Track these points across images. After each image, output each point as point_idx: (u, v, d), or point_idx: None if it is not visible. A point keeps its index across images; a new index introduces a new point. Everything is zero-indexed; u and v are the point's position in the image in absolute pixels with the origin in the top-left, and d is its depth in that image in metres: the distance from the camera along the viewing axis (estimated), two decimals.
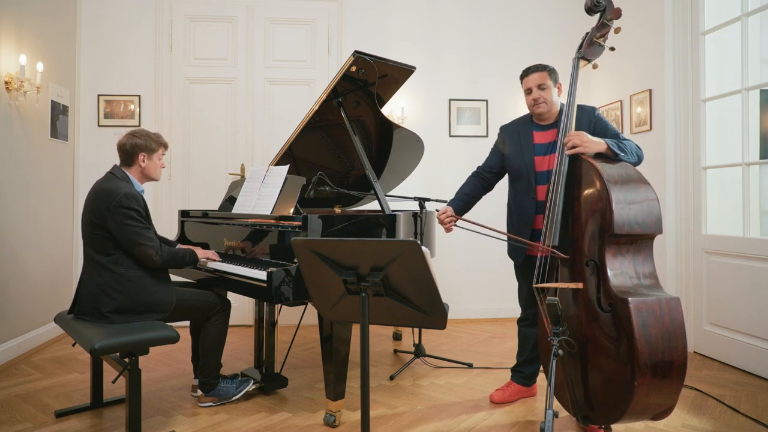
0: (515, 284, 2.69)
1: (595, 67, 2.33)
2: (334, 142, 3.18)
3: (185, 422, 2.43)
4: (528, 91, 2.46)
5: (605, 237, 1.93)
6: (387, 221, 2.64)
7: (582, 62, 2.30)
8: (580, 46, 2.31)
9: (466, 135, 4.55)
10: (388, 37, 4.48)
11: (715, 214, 3.44)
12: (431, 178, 4.46)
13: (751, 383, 2.90)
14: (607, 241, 1.93)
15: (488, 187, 2.69)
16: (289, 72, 4.37)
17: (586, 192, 2.03)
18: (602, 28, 2.24)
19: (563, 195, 2.10)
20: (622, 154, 2.13)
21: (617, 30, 2.25)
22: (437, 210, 2.53)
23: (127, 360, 2.11)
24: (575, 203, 2.08)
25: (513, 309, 4.01)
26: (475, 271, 4.53)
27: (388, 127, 3.11)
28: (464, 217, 2.46)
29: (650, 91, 3.73)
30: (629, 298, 1.81)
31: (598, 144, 2.14)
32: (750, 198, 3.07)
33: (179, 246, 2.71)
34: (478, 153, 4.50)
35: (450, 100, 4.54)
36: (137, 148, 2.42)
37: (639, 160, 2.21)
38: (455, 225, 2.48)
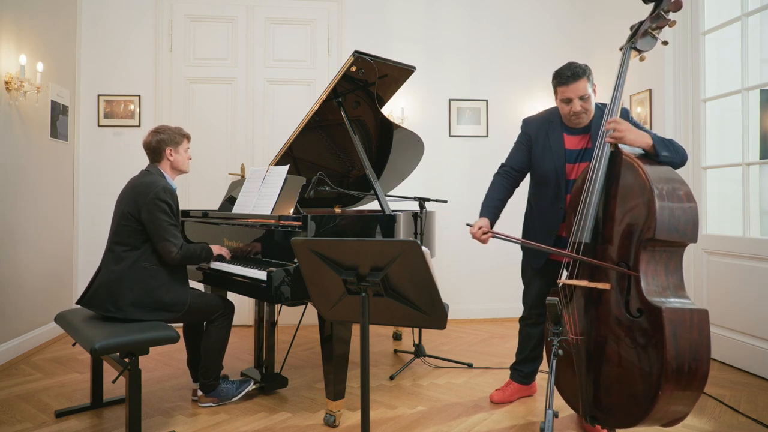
0: (515, 284, 2.69)
1: (642, 59, 2.16)
2: (334, 142, 3.18)
3: (185, 422, 2.43)
4: (567, 101, 2.24)
5: (642, 240, 1.85)
6: (387, 221, 2.64)
7: (633, 53, 2.14)
8: (633, 35, 2.14)
9: (466, 135, 4.55)
10: (388, 37, 4.48)
11: (715, 214, 3.44)
12: (431, 178, 4.46)
13: (751, 383, 2.90)
14: (643, 246, 1.85)
15: (516, 185, 2.52)
16: (289, 72, 4.37)
17: (627, 192, 1.92)
18: (657, 19, 2.07)
19: (600, 191, 1.99)
20: (666, 153, 1.96)
21: (672, 24, 2.06)
22: (468, 225, 2.31)
23: (127, 360, 2.11)
24: (611, 201, 1.98)
25: (513, 309, 4.02)
26: (475, 271, 4.53)
27: (388, 127, 3.10)
28: (497, 229, 2.26)
29: (650, 91, 3.73)
30: (663, 307, 1.75)
31: (643, 137, 1.97)
32: (750, 198, 3.07)
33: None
34: (478, 153, 4.53)
35: (450, 100, 4.54)
36: (163, 143, 2.50)
37: (683, 162, 2.03)
38: (493, 238, 2.26)
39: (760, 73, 3.17)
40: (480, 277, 4.53)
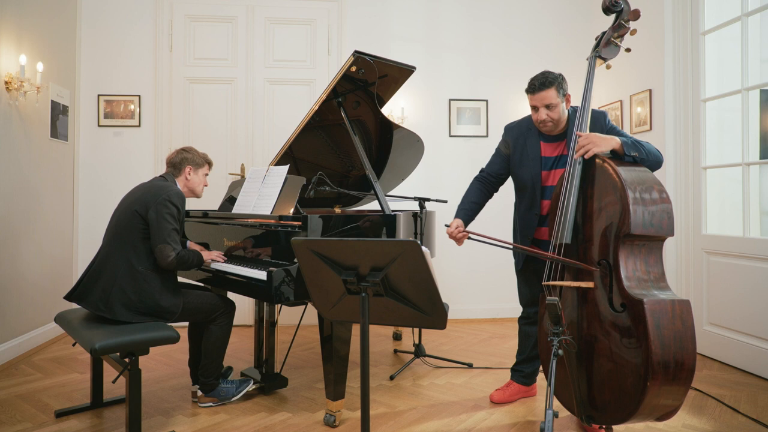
0: (515, 284, 2.69)
1: (608, 67, 2.29)
2: (334, 142, 3.18)
3: (185, 422, 2.43)
4: (534, 108, 2.33)
5: (620, 237, 1.91)
6: (387, 221, 2.64)
7: (598, 61, 2.26)
8: (597, 45, 2.26)
9: (466, 135, 4.55)
10: (388, 37, 4.48)
11: (715, 214, 3.44)
12: (431, 178, 4.47)
13: (751, 383, 2.90)
14: (621, 241, 1.92)
15: (493, 191, 2.63)
16: (289, 72, 4.37)
17: (602, 191, 2.01)
18: (619, 28, 2.22)
19: (576, 194, 2.06)
20: (635, 154, 2.05)
21: (633, 32, 2.22)
22: (446, 225, 2.44)
23: (127, 360, 2.11)
24: (588, 202, 2.06)
25: (513, 309, 4.03)
26: (475, 271, 4.53)
27: (388, 127, 3.11)
28: (472, 228, 2.36)
29: (650, 91, 3.73)
30: (644, 299, 1.80)
31: (610, 141, 2.05)
32: (750, 198, 3.07)
33: (189, 243, 2.83)
34: (478, 153, 4.53)
35: (450, 100, 4.54)
36: (186, 161, 2.61)
37: (657, 163, 2.11)
38: (467, 238, 2.37)
39: (760, 73, 3.17)
40: (480, 277, 4.53)
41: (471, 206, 2.54)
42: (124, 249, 2.36)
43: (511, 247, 2.20)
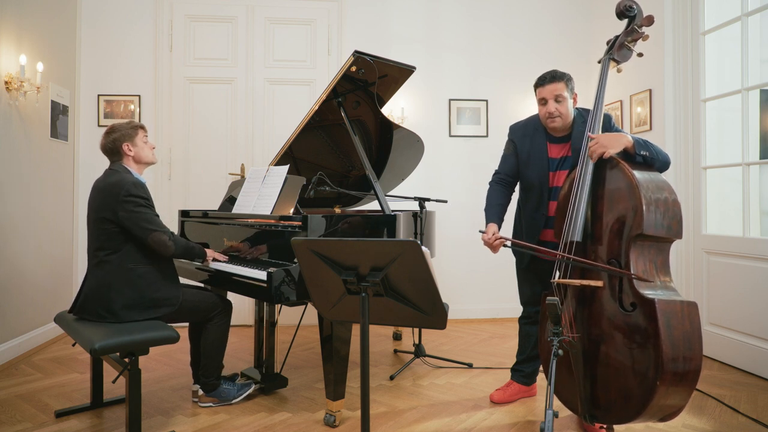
0: (515, 284, 2.69)
1: (619, 71, 2.29)
2: (334, 142, 3.18)
3: (185, 422, 2.43)
4: (543, 102, 2.33)
5: (632, 237, 1.92)
6: (387, 221, 2.64)
7: (612, 63, 2.26)
8: (610, 48, 2.27)
9: (466, 135, 4.55)
10: (388, 37, 4.48)
11: (715, 214, 3.44)
12: (431, 178, 4.46)
13: (751, 383, 2.90)
14: (632, 241, 1.93)
15: (512, 190, 2.60)
16: (289, 72, 4.37)
17: (614, 191, 2.01)
18: (632, 33, 2.22)
19: (588, 192, 2.07)
20: (645, 153, 2.04)
21: (645, 38, 2.21)
22: (482, 231, 2.37)
23: (127, 360, 2.11)
24: (599, 202, 2.06)
25: (513, 309, 4.03)
26: (475, 271, 4.52)
27: (388, 127, 3.11)
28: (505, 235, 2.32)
29: (650, 91, 3.73)
30: (656, 299, 1.82)
31: (621, 140, 2.05)
32: (750, 198, 3.07)
33: None
34: (478, 153, 4.53)
35: (450, 100, 4.54)
36: (117, 141, 2.43)
37: (666, 164, 2.10)
38: (503, 245, 2.30)
39: (760, 73, 3.17)
40: (480, 277, 4.53)
41: (499, 208, 2.51)
42: (108, 255, 2.31)
43: (551, 257, 2.13)
